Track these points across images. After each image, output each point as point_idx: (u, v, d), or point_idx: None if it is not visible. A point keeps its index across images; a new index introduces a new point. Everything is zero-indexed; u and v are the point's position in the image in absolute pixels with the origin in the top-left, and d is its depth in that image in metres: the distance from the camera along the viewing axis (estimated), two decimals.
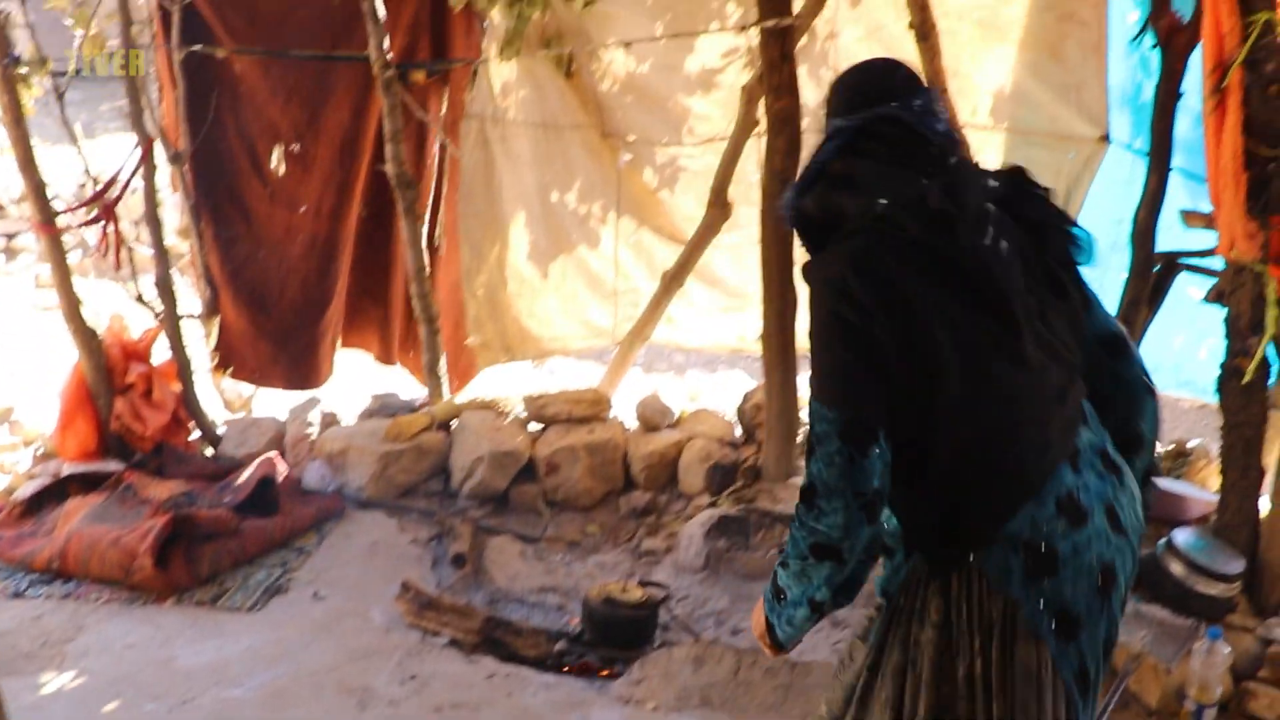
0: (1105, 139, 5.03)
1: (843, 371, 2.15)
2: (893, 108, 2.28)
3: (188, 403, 5.99)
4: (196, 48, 5.74)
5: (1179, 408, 6.24)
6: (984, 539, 2.16)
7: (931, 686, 2.23)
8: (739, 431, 5.82)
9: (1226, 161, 3.64)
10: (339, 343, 6.32)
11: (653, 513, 5.54)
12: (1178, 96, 4.50)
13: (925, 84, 2.42)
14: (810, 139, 5.57)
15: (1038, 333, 2.20)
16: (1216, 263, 4.34)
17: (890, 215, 2.18)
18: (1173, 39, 4.40)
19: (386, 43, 5.45)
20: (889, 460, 2.15)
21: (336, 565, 5.03)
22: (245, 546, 4.98)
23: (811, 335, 2.22)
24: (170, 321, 5.97)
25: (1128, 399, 2.39)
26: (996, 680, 2.18)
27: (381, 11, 5.40)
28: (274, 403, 6.57)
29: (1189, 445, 5.29)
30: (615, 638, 4.40)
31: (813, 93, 5.29)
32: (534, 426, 5.90)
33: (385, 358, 6.42)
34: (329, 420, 6.15)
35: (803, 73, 5.22)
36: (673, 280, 6.06)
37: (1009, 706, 2.17)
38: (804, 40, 5.31)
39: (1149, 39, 4.51)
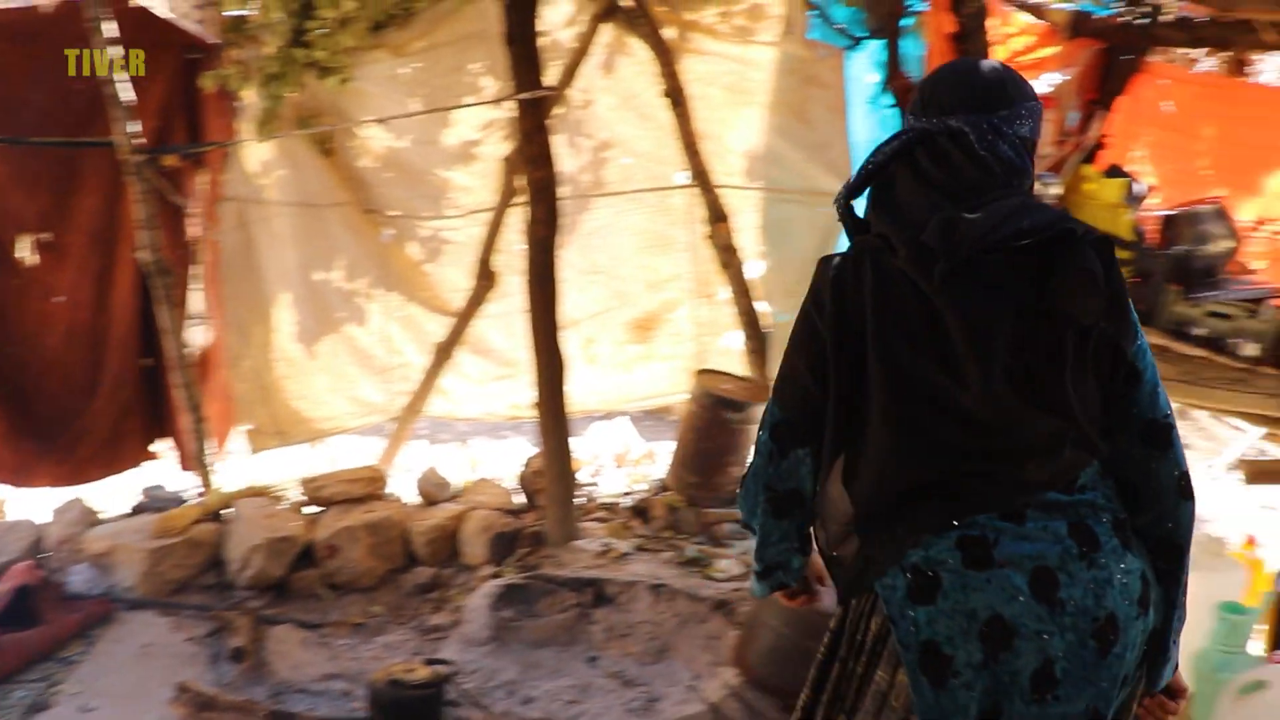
0: None
1: (789, 374, 2.23)
2: (960, 121, 2.14)
3: None
4: None
5: None
6: (886, 562, 2.12)
7: (812, 685, 2.32)
8: (521, 498, 5.81)
9: None
10: (141, 435, 6.03)
11: (437, 588, 5.45)
12: None
13: (1024, 95, 2.20)
14: (570, 206, 5.69)
15: (1000, 392, 2.03)
16: None
17: (886, 239, 2.13)
18: (907, 98, 4.64)
19: (137, 126, 5.29)
20: (815, 469, 2.22)
21: (106, 673, 4.77)
22: (2, 664, 4.68)
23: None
24: None
25: (1155, 497, 2.16)
26: (854, 693, 2.20)
27: (130, 95, 5.25)
28: (32, 504, 6.21)
29: None
30: None
31: (571, 161, 5.38)
32: (312, 509, 5.75)
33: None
34: (92, 519, 5.85)
35: (561, 141, 5.31)
36: (443, 352, 6.04)
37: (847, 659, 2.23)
38: (560, 110, 5.40)
39: (886, 99, 4.75)
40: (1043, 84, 4.34)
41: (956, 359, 2.05)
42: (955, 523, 2.07)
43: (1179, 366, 4.06)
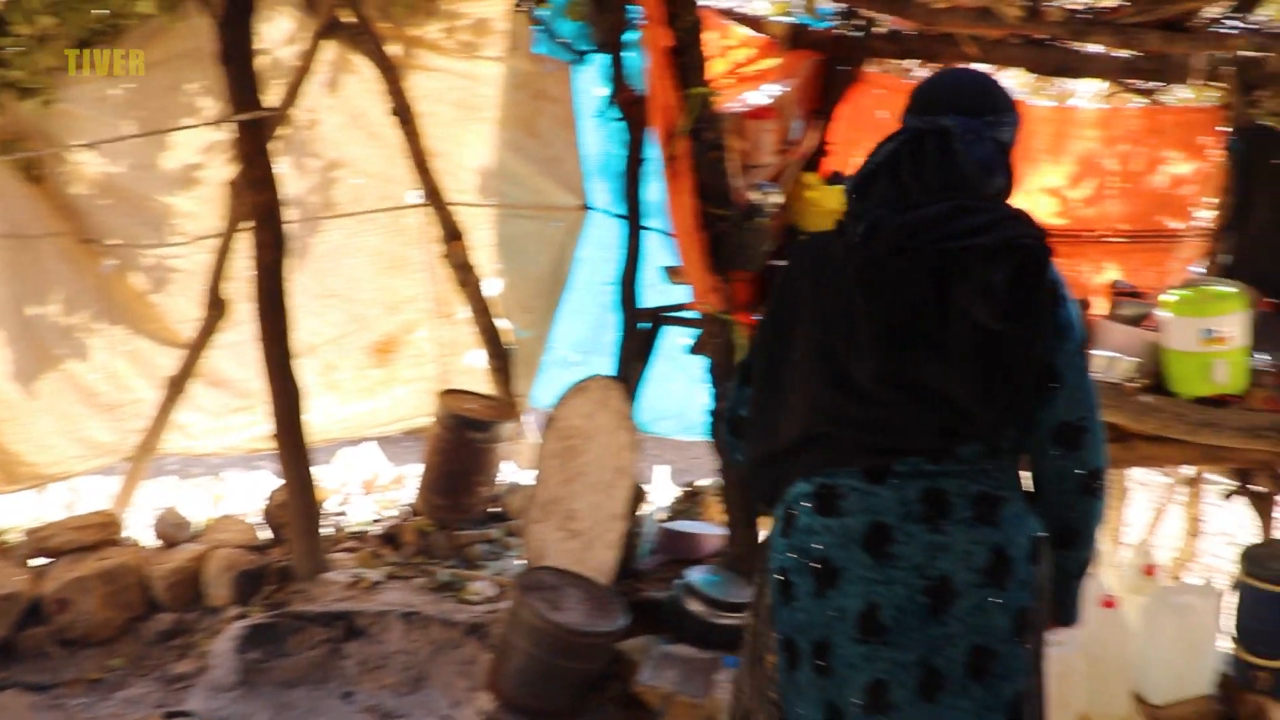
0: (585, 207, 5.27)
1: (759, 323, 2.58)
2: (949, 120, 2.32)
3: None
4: None
5: (690, 450, 6.60)
6: (773, 497, 2.44)
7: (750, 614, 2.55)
8: (268, 533, 5.61)
9: (685, 223, 3.91)
10: None
11: (181, 634, 5.20)
12: (642, 163, 4.80)
13: (1008, 105, 2.41)
14: (300, 229, 5.53)
15: (884, 372, 2.28)
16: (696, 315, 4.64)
17: (843, 226, 2.41)
18: (632, 111, 4.68)
19: None
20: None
21: None
22: None
23: None
24: None
25: (1054, 490, 2.36)
26: (763, 611, 2.44)
27: None
28: None
29: (699, 485, 5.61)
30: None
31: (299, 182, 5.23)
32: (40, 560, 5.41)
33: None
34: None
35: (287, 163, 5.15)
36: (176, 386, 5.78)
37: (757, 624, 2.48)
38: (285, 130, 5.24)
39: (613, 112, 4.78)
40: (763, 96, 4.43)
41: (857, 337, 2.30)
42: (826, 471, 2.33)
43: None
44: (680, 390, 5.63)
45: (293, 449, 5.05)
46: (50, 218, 5.56)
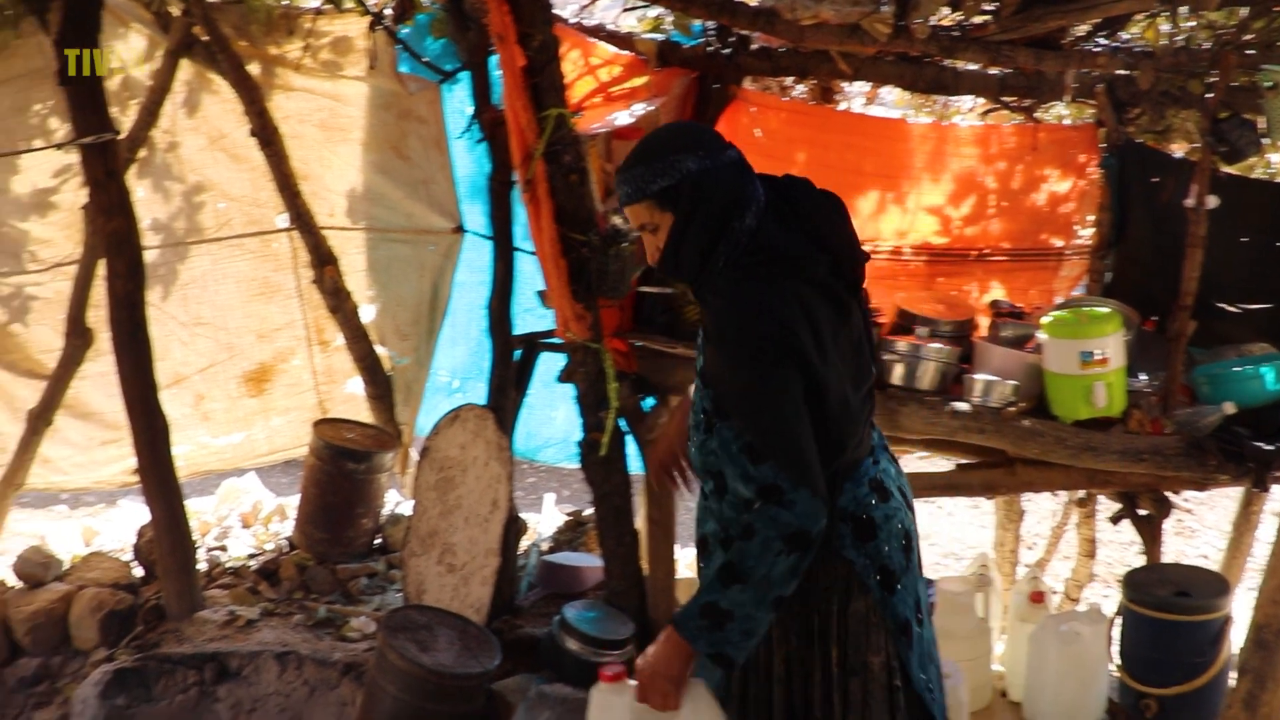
0: (460, 230, 5.15)
1: (804, 453, 2.47)
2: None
3: None
4: None
5: (572, 479, 6.50)
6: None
7: (783, 641, 2.59)
8: (140, 570, 5.40)
9: (547, 248, 3.80)
10: None
11: (44, 679, 5.00)
12: (510, 185, 4.68)
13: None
14: (164, 255, 5.34)
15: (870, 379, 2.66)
16: None
17: (798, 259, 2.56)
18: (496, 132, 4.56)
19: None
20: None
21: None
22: None
23: None
24: None
25: None
26: (836, 628, 2.56)
27: None
28: None
29: (584, 514, 5.49)
30: None
31: (160, 207, 5.03)
32: None
33: None
34: None
35: (146, 186, 4.95)
36: (39, 419, 5.55)
37: (845, 647, 2.56)
38: (143, 153, 5.05)
39: (478, 133, 4.65)
40: (630, 115, 4.32)
41: (859, 354, 2.58)
42: (857, 467, 2.62)
43: None
44: (562, 417, 5.52)
45: (160, 483, 4.85)
46: None
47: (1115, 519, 4.59)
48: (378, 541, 5.53)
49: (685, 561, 5.12)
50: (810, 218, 2.54)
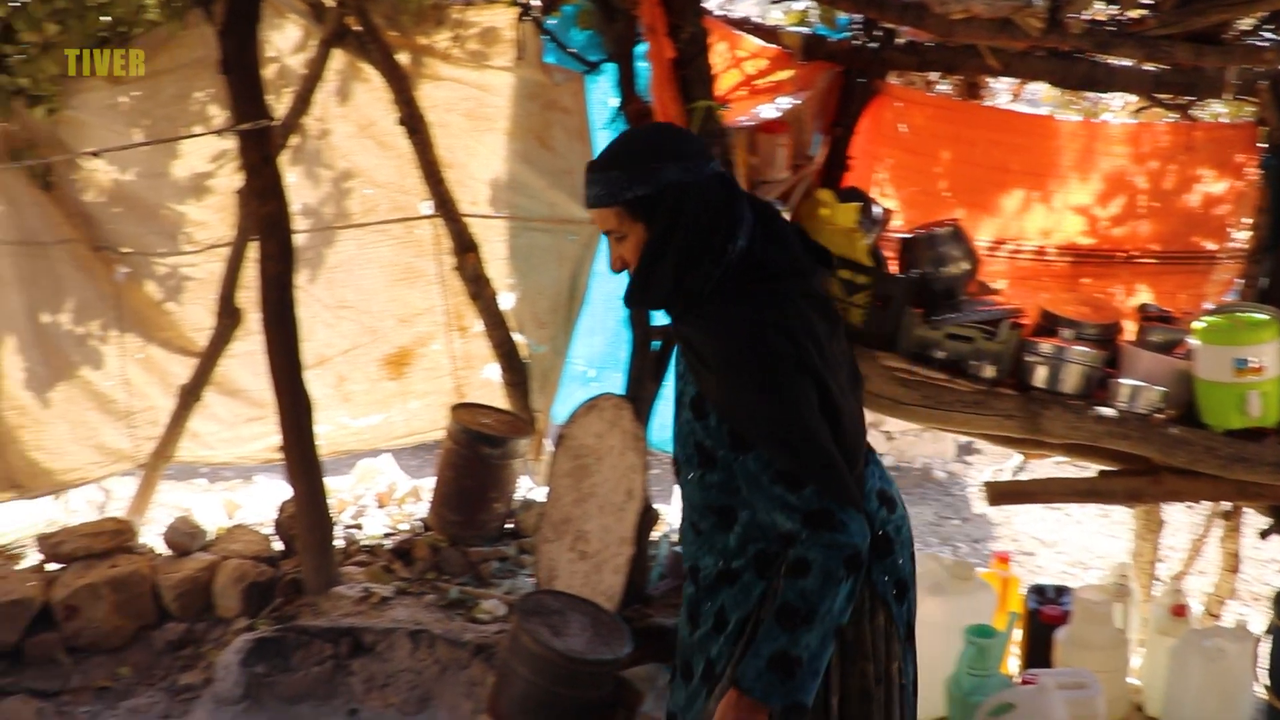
0: None
1: (833, 461, 2.41)
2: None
3: None
4: None
5: None
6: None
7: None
8: (280, 544, 5.56)
9: None
10: None
11: (190, 644, 5.17)
12: None
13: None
14: (312, 239, 5.48)
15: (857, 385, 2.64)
16: None
17: (794, 271, 2.54)
18: (641, 123, 4.58)
19: None
20: None
21: None
22: None
23: None
24: None
25: None
26: (861, 645, 2.51)
27: None
28: None
29: None
30: None
31: (310, 192, 5.16)
32: (52, 567, 5.39)
33: None
34: None
35: (298, 173, 5.08)
36: (189, 395, 5.75)
37: (870, 661, 2.53)
38: (296, 139, 5.19)
39: (623, 124, 4.67)
40: (776, 109, 4.30)
41: (851, 361, 2.61)
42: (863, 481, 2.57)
43: (920, 391, 4.06)
44: None
45: (302, 461, 4.99)
46: (62, 225, 5.53)
47: (1266, 534, 4.45)
48: (510, 526, 5.60)
49: None
50: (790, 231, 2.48)
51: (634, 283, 2.43)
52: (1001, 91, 5.81)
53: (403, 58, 5.04)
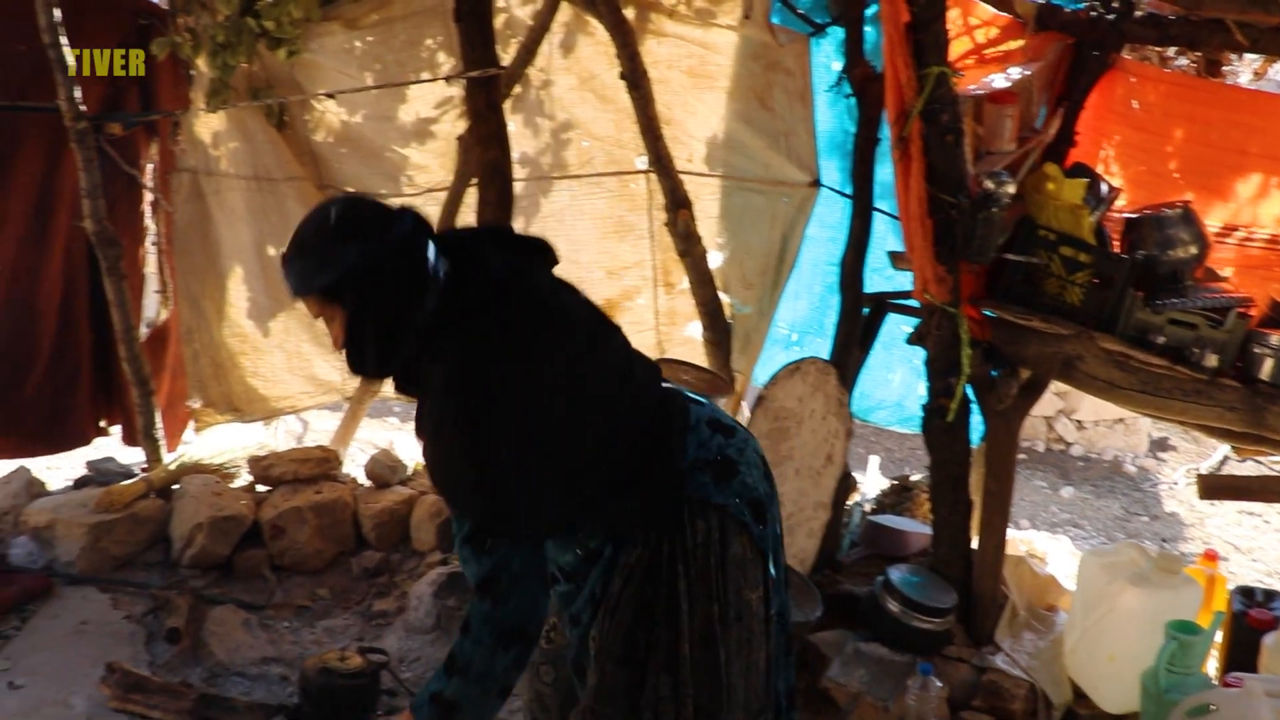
0: (816, 184, 5.13)
1: None
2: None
3: None
4: None
5: (906, 441, 6.42)
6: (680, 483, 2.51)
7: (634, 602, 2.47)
8: None
9: (913, 208, 3.74)
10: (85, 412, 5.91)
11: (385, 573, 5.36)
12: (876, 143, 4.63)
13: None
14: (528, 189, 5.57)
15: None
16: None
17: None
18: (867, 88, 4.53)
19: (82, 93, 5.14)
20: None
21: (39, 650, 4.67)
22: None
23: None
24: None
25: None
26: (706, 584, 2.46)
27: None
28: None
29: (912, 479, 5.43)
30: (334, 709, 4.19)
31: (529, 142, 5.23)
32: (261, 488, 5.65)
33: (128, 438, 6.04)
34: (36, 490, 5.73)
35: (519, 122, 5.16)
36: None
37: (726, 595, 2.48)
38: (519, 89, 5.28)
39: (847, 88, 4.63)
40: (1005, 79, 4.19)
41: (601, 323, 2.71)
42: (686, 418, 2.63)
43: (1138, 376, 3.93)
44: (899, 380, 5.46)
45: None
46: (292, 163, 5.75)
47: None
48: None
49: (1016, 538, 5.00)
50: (489, 251, 2.51)
51: (348, 359, 2.46)
52: (1243, 71, 5.55)
53: (629, 12, 5.05)
